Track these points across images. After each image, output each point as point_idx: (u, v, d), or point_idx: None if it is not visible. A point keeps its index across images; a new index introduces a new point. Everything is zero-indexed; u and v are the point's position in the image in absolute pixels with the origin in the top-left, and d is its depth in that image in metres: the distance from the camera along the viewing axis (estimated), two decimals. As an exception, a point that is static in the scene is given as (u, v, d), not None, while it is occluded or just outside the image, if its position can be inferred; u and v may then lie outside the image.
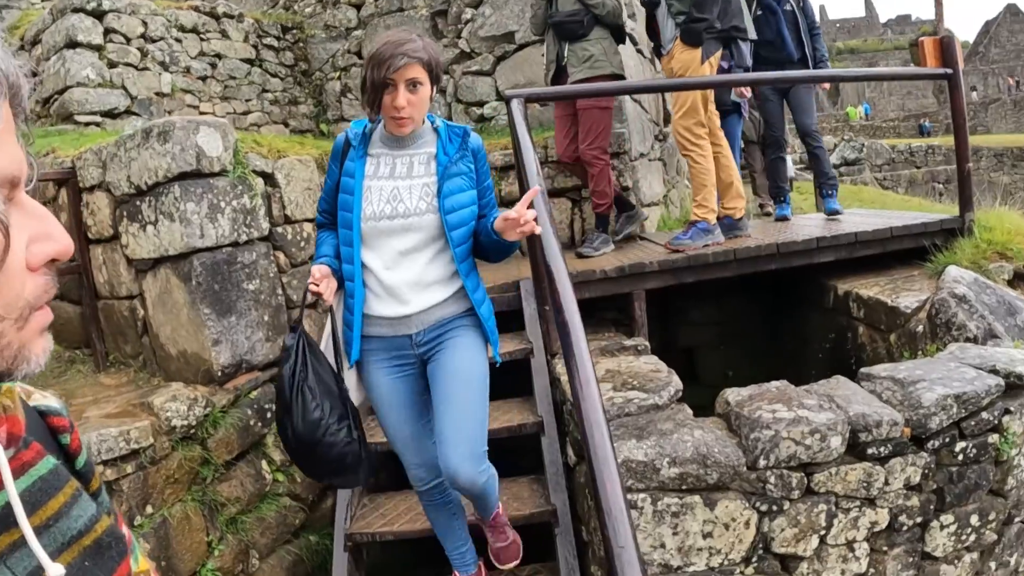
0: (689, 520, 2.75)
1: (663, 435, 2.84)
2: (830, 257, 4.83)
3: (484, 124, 6.38)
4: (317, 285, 2.27)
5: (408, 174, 2.44)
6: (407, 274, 2.40)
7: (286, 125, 7.16)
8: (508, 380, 4.27)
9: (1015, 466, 3.31)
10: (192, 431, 2.97)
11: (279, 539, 3.32)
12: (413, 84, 2.31)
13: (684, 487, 2.75)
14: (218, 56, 6.59)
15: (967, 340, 4.00)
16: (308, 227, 3.79)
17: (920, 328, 4.21)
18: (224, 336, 3.13)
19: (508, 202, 5.58)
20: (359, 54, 7.19)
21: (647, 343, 4.10)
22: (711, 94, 4.89)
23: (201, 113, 6.25)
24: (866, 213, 6.29)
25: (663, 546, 2.77)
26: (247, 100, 6.75)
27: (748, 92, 6.77)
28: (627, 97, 5.83)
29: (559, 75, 5.00)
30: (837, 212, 5.77)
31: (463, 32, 6.54)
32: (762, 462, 2.80)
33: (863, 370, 3.55)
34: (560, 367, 3.80)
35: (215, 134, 3.20)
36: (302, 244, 3.73)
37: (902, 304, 4.31)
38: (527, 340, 3.97)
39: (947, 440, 3.11)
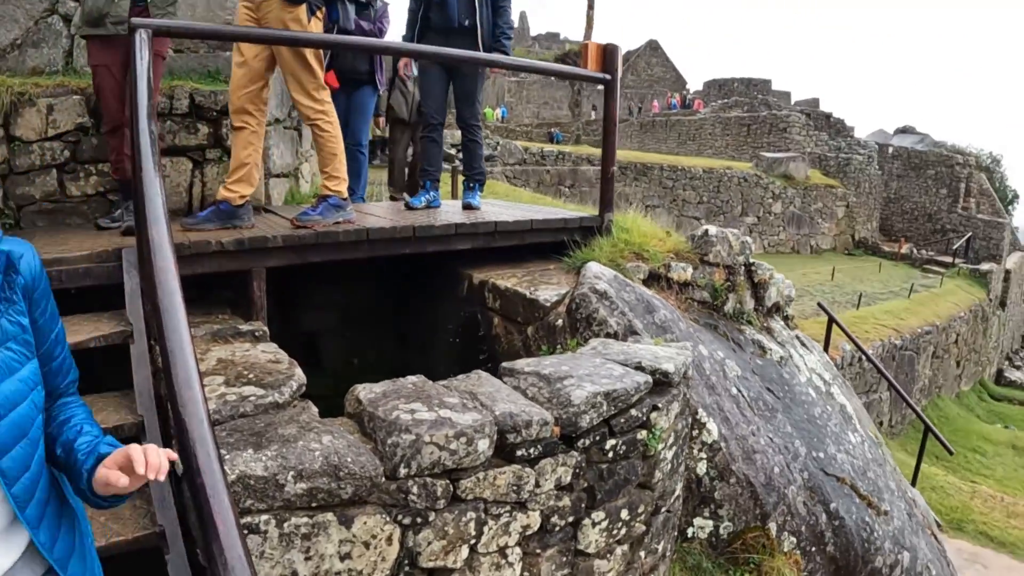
0: (323, 542, 2.39)
1: (286, 443, 2.42)
2: (467, 245, 4.78)
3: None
4: None
5: None
6: None
7: None
8: (109, 370, 3.57)
9: (662, 459, 3.49)
10: None
11: None
12: None
13: (315, 504, 2.38)
14: None
15: (608, 336, 4.10)
16: None
17: (560, 322, 4.25)
18: None
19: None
20: None
21: (266, 328, 3.64)
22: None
23: None
24: (504, 205, 6.41)
25: (295, 574, 2.34)
26: None
27: (413, 67, 6.51)
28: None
29: None
30: (472, 206, 5.74)
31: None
32: (403, 470, 2.51)
33: (505, 365, 3.44)
34: (167, 355, 3.19)
35: None
36: None
37: (541, 297, 4.32)
38: (127, 321, 3.29)
39: (597, 438, 3.13)
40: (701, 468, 4.27)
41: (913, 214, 33.96)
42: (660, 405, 3.43)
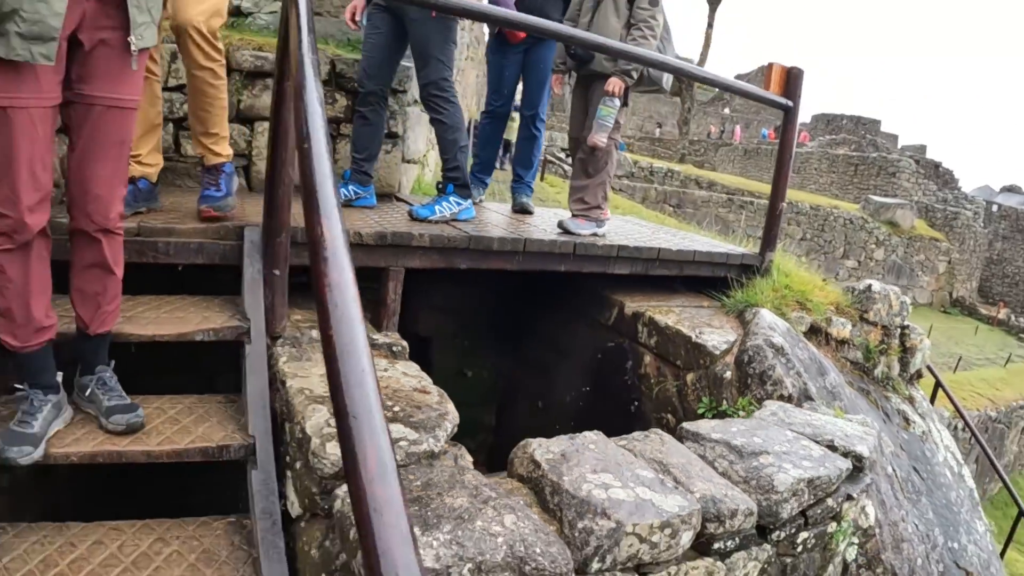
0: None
1: (460, 521, 1.91)
2: (626, 270, 4.28)
3: (239, 19, 5.06)
4: None
5: None
6: None
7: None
8: (210, 362, 3.17)
9: (837, 553, 3.00)
10: None
11: None
12: None
13: (492, 605, 1.84)
14: None
15: (782, 398, 3.57)
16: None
17: (728, 374, 3.71)
18: None
19: (246, 118, 4.37)
20: None
21: (404, 343, 3.16)
22: None
23: None
24: (644, 225, 5.83)
25: None
26: None
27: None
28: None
29: None
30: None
31: None
32: (595, 565, 2.00)
33: (687, 427, 2.92)
34: (285, 360, 2.75)
35: None
36: None
37: (709, 343, 3.79)
38: (243, 315, 2.86)
39: (792, 530, 2.64)
40: (851, 554, 3.73)
41: (1014, 278, 32.23)
42: (854, 495, 2.93)
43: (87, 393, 2.52)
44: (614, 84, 4.17)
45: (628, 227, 5.33)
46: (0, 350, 2.37)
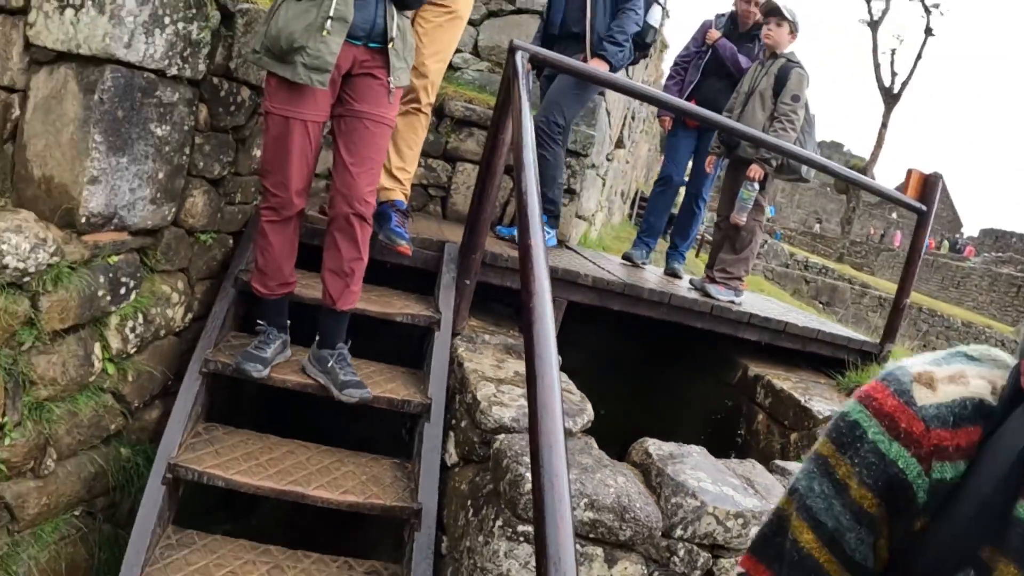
0: (584, 571, 2.49)
1: (585, 471, 2.59)
2: (754, 336, 4.79)
3: (450, 72, 6.02)
4: None
5: None
6: None
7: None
8: (395, 343, 3.90)
9: None
10: (26, 279, 2.41)
11: (86, 442, 2.78)
12: None
13: (592, 536, 2.51)
14: None
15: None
16: (246, 92, 3.28)
17: (827, 438, 4.16)
18: (106, 176, 2.59)
19: (451, 157, 5.25)
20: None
21: (559, 356, 3.82)
22: None
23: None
24: (782, 305, 6.31)
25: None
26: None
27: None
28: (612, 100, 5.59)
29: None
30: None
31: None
32: (679, 531, 2.60)
33: (778, 462, 3.46)
34: (463, 350, 3.48)
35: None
36: (232, 108, 3.21)
37: (815, 408, 4.26)
38: (436, 309, 3.61)
39: None
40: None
41: None
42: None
43: (327, 364, 3.10)
44: (754, 170, 4.78)
45: (764, 303, 5.85)
46: (249, 299, 3.17)
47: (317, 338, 3.18)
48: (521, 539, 2.50)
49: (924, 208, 4.90)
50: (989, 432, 0.54)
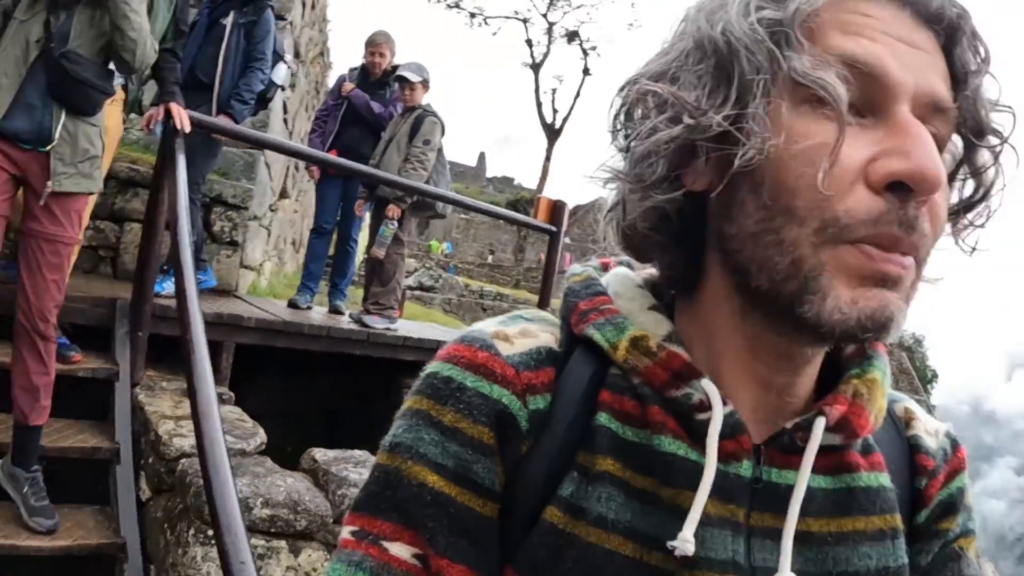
0: (273, 565, 2.98)
1: (257, 476, 3.09)
2: (411, 357, 5.45)
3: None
4: None
5: None
6: None
7: None
8: (82, 402, 4.11)
9: None
10: None
11: None
12: None
13: (273, 530, 2.99)
14: None
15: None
16: None
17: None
18: None
19: (118, 218, 5.52)
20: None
21: (232, 393, 4.27)
22: None
23: None
24: (441, 328, 7.16)
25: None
26: None
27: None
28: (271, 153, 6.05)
29: None
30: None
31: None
32: (346, 516, 3.15)
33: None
34: (143, 397, 3.83)
35: None
36: None
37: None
38: (113, 361, 3.91)
39: None
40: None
41: None
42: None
43: (22, 488, 3.14)
44: (391, 209, 5.49)
45: (422, 328, 6.62)
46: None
47: (11, 452, 3.21)
48: (212, 542, 2.90)
49: (555, 229, 5.78)
50: (559, 371, 0.68)
